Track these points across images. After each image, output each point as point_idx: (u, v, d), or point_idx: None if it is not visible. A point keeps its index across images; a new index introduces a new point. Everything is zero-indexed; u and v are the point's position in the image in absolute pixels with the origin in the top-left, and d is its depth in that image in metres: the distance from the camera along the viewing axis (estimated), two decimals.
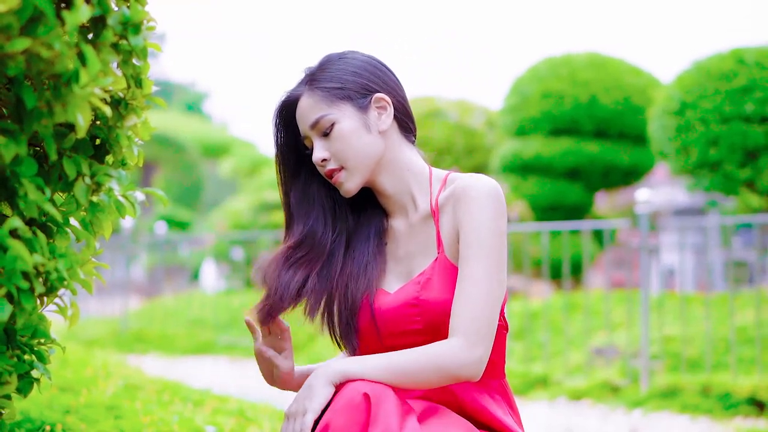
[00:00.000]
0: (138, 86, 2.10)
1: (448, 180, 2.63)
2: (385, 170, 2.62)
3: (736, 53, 9.74)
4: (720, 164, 9.61)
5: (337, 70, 2.59)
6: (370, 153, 2.57)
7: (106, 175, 2.05)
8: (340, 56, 2.64)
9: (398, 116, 2.63)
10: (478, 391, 2.58)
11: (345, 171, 2.57)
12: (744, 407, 6.56)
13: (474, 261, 2.45)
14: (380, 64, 2.65)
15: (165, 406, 4.51)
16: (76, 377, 4.73)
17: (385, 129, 2.58)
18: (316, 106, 2.56)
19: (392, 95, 2.62)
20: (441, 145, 15.86)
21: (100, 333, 12.38)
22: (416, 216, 2.63)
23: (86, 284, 2.08)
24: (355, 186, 2.59)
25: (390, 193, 2.64)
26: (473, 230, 2.47)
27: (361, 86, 2.58)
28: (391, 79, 2.65)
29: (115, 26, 1.92)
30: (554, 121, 13.92)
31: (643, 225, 7.52)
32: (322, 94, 2.56)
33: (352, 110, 2.56)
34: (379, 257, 2.65)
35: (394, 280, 2.64)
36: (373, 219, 2.70)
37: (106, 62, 1.88)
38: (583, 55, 14.29)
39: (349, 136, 2.55)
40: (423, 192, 2.63)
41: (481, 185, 2.51)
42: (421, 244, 2.61)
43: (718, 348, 7.62)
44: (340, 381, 2.39)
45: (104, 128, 2.12)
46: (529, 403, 7.55)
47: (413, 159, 2.65)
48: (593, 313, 9.49)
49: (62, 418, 3.76)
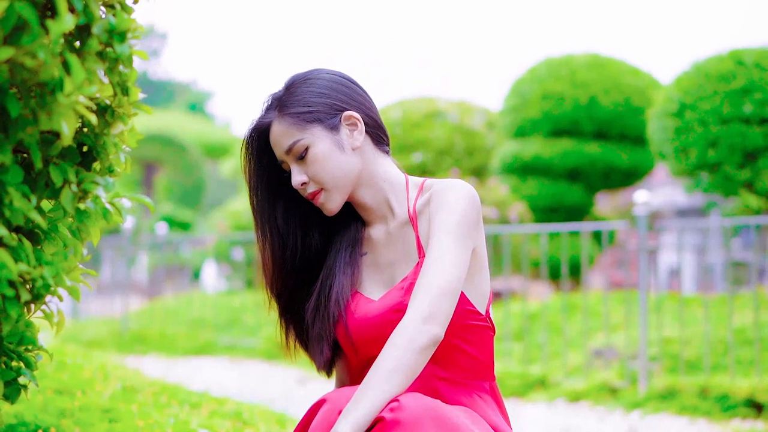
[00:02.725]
0: (124, 94, 2.11)
1: (425, 186, 2.67)
2: (363, 184, 2.65)
3: (735, 54, 9.74)
4: (719, 165, 9.60)
5: (303, 92, 2.61)
6: (347, 172, 2.60)
7: (92, 182, 2.06)
8: (305, 77, 2.64)
9: (369, 130, 2.66)
10: (467, 393, 2.60)
11: (325, 192, 2.60)
12: (742, 409, 6.55)
13: (440, 241, 2.49)
14: (346, 80, 2.67)
15: (161, 408, 4.50)
16: (73, 380, 4.71)
17: (358, 146, 2.62)
18: (288, 132, 2.58)
19: (361, 110, 2.64)
20: (441, 145, 15.84)
21: (100, 334, 12.37)
22: (394, 223, 2.66)
23: (73, 291, 2.09)
24: (336, 206, 2.63)
25: (368, 205, 2.68)
26: (442, 216, 2.52)
27: (329, 106, 2.60)
28: (358, 94, 2.67)
29: (101, 34, 1.92)
30: (554, 122, 13.91)
31: (642, 226, 7.52)
32: (292, 119, 2.58)
33: (323, 132, 2.58)
34: (354, 266, 2.68)
35: (377, 288, 2.67)
36: (345, 229, 2.74)
37: (91, 70, 1.88)
38: (583, 56, 14.28)
39: (324, 159, 2.57)
40: (400, 200, 2.67)
41: (459, 187, 2.56)
42: (402, 250, 2.64)
43: (717, 349, 7.61)
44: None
45: (91, 135, 2.12)
46: (527, 405, 7.55)
47: (389, 169, 2.69)
48: (592, 315, 9.49)
49: (57, 421, 3.75)
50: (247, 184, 2.71)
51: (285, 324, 2.77)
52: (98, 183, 2.07)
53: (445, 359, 2.59)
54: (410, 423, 2.23)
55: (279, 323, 2.77)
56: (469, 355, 2.61)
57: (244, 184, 3.08)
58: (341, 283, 2.65)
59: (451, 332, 2.55)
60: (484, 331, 2.63)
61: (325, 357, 2.67)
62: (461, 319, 2.57)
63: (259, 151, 2.67)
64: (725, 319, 8.21)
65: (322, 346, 2.66)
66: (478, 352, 2.62)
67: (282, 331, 2.77)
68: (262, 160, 2.68)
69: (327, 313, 2.64)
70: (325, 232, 2.76)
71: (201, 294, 15.34)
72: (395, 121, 16.28)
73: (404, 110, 16.47)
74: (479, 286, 2.62)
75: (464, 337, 2.59)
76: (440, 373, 2.59)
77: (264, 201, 2.70)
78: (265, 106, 2.66)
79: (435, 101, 16.70)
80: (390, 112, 16.68)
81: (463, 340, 2.59)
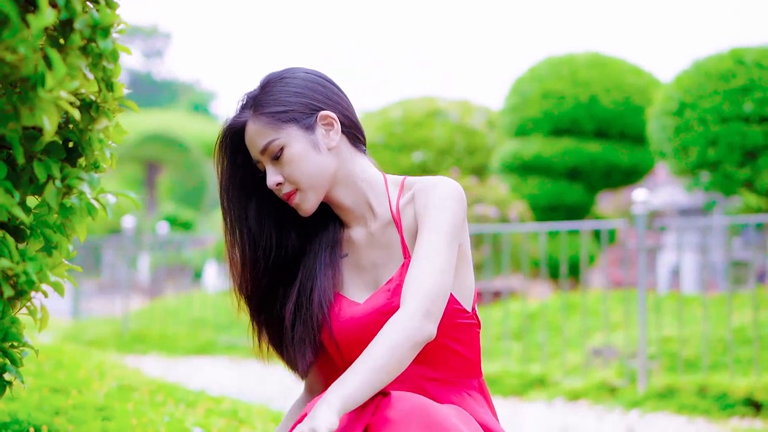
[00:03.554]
0: (109, 89, 2.10)
1: (405, 185, 2.65)
2: (339, 184, 2.62)
3: (735, 53, 9.72)
4: (719, 164, 9.59)
5: (279, 92, 2.58)
6: (323, 172, 2.57)
7: (77, 178, 2.05)
8: (280, 76, 2.61)
9: (346, 130, 2.63)
10: (456, 392, 2.59)
11: (300, 192, 2.58)
12: (741, 408, 6.54)
13: (430, 239, 2.47)
14: (322, 79, 2.64)
15: (157, 407, 4.50)
16: (69, 378, 4.70)
17: (334, 146, 2.59)
18: (263, 132, 2.55)
19: (337, 110, 2.61)
20: (442, 145, 15.86)
21: (101, 333, 12.39)
22: (376, 224, 2.63)
23: (57, 287, 2.08)
24: (311, 206, 2.60)
25: (347, 206, 2.65)
26: (431, 215, 2.50)
27: (305, 106, 2.57)
28: (335, 93, 2.64)
29: (83, 29, 1.91)
30: (554, 121, 13.90)
31: (640, 225, 7.52)
32: (267, 119, 2.55)
33: (299, 132, 2.55)
34: (335, 268, 2.66)
35: (361, 290, 2.64)
36: (323, 230, 2.71)
37: (73, 65, 1.87)
38: (583, 55, 14.27)
39: (299, 159, 2.55)
40: (380, 200, 2.64)
41: (445, 185, 2.54)
42: (386, 251, 2.62)
43: (716, 348, 7.61)
44: (343, 410, 2.27)
45: (76, 131, 2.11)
46: (526, 404, 7.55)
47: (366, 169, 2.66)
48: (592, 314, 9.48)
49: (50, 419, 3.75)
50: (219, 184, 2.68)
51: (257, 326, 2.73)
52: (83, 179, 2.05)
53: (435, 360, 2.57)
54: (400, 421, 2.22)
55: (251, 325, 2.74)
56: (459, 354, 2.59)
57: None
58: (323, 286, 2.62)
59: (441, 332, 2.52)
60: (472, 329, 2.61)
61: (308, 361, 2.64)
62: (450, 319, 2.55)
63: (233, 150, 2.65)
64: (725, 319, 8.20)
65: (305, 350, 2.62)
66: (467, 351, 2.60)
67: (254, 334, 2.74)
68: (235, 159, 2.66)
69: (310, 316, 2.61)
70: (301, 233, 2.72)
71: (202, 294, 15.34)
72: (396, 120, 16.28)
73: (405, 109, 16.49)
74: (464, 281, 2.60)
75: (454, 337, 2.57)
76: (430, 374, 2.58)
77: (235, 201, 2.67)
78: (240, 105, 2.63)
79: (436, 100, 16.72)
80: (391, 111, 16.69)
81: (453, 339, 2.57)
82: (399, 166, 15.38)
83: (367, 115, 17.29)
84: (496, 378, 8.06)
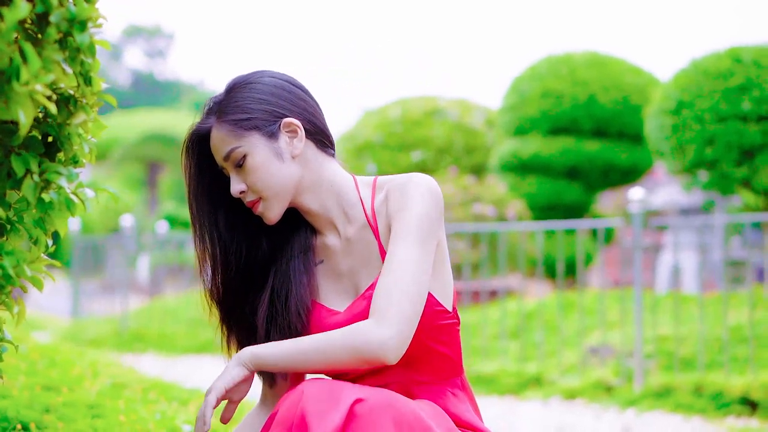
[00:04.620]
0: (87, 84, 2.09)
1: (377, 185, 2.60)
2: (306, 191, 2.58)
3: (733, 52, 9.71)
4: (716, 163, 9.58)
5: (243, 98, 2.54)
6: (285, 182, 2.53)
7: (55, 172, 2.04)
8: (245, 82, 2.58)
9: (311, 136, 2.59)
10: (439, 392, 2.58)
11: (263, 201, 2.54)
12: (736, 406, 6.54)
13: (400, 244, 2.44)
14: (288, 84, 2.60)
15: (149, 405, 4.49)
16: (62, 376, 4.69)
17: (298, 153, 2.55)
18: (226, 139, 2.52)
19: (302, 116, 2.57)
20: (441, 144, 15.87)
21: (100, 332, 12.40)
22: (351, 228, 2.59)
23: (35, 281, 2.08)
24: (276, 215, 2.56)
25: (316, 211, 2.61)
26: (402, 217, 2.46)
27: (268, 113, 2.53)
28: (300, 98, 2.59)
29: (60, 23, 1.91)
30: (553, 121, 13.90)
31: (636, 224, 7.52)
32: (230, 126, 2.52)
33: (261, 140, 2.52)
34: (310, 275, 2.62)
35: (341, 298, 2.61)
36: (295, 235, 2.67)
37: (49, 59, 1.87)
38: (582, 54, 14.26)
39: (261, 168, 2.51)
40: (353, 203, 2.60)
41: (417, 181, 2.50)
42: (363, 256, 2.58)
43: (713, 347, 7.60)
44: (250, 362, 2.43)
45: (54, 126, 2.11)
46: (523, 402, 7.55)
47: (336, 172, 2.61)
48: (590, 313, 9.48)
49: (40, 416, 3.74)
50: (187, 188, 2.64)
51: (227, 332, 2.70)
52: (61, 173, 2.05)
53: (421, 363, 2.56)
54: (368, 416, 2.21)
55: (220, 330, 2.70)
56: (442, 355, 2.57)
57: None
58: (299, 294, 2.58)
59: (425, 335, 2.51)
60: (453, 328, 2.59)
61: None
62: (433, 321, 2.52)
63: (199, 156, 2.61)
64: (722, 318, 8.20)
65: None
66: (450, 350, 2.59)
67: (223, 339, 2.70)
68: (201, 164, 2.62)
69: (287, 325, 2.57)
70: (273, 238, 2.68)
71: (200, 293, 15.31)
72: (395, 119, 16.29)
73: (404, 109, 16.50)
74: (443, 279, 2.57)
75: (437, 338, 2.55)
76: (416, 377, 2.57)
77: (204, 206, 2.63)
78: (206, 110, 2.60)
79: (435, 99, 16.74)
80: (390, 110, 16.70)
81: (436, 341, 2.55)
82: (398, 165, 15.39)
83: (366, 114, 17.28)
84: (493, 377, 8.06)
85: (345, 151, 16.53)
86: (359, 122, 17.03)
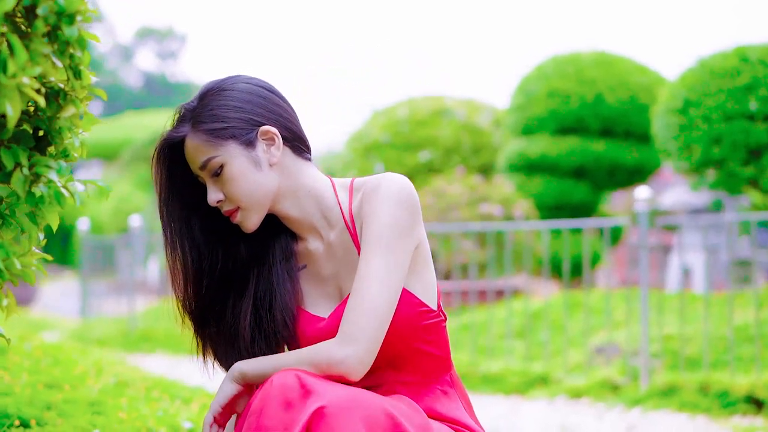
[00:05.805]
0: (77, 77, 2.09)
1: (354, 187, 2.57)
2: (285, 198, 2.56)
3: (740, 51, 9.68)
4: (723, 162, 9.56)
5: (218, 106, 2.50)
6: (263, 190, 2.51)
7: (45, 166, 2.05)
8: (219, 88, 2.53)
9: (288, 143, 2.56)
10: (431, 392, 2.58)
11: (242, 211, 2.52)
12: (742, 405, 6.53)
13: (367, 258, 2.43)
14: (263, 90, 2.56)
15: (152, 403, 4.50)
16: (65, 375, 4.70)
17: (275, 161, 2.52)
18: (202, 148, 2.48)
19: (278, 123, 2.54)
20: (448, 144, 15.87)
21: (108, 332, 12.42)
22: (332, 233, 2.58)
23: (26, 275, 2.08)
24: (254, 224, 2.54)
25: (296, 217, 2.58)
26: (371, 227, 2.44)
27: (245, 121, 2.50)
28: (276, 105, 2.56)
29: (47, 16, 1.91)
30: (560, 120, 13.88)
31: (642, 223, 7.51)
32: (206, 135, 2.48)
33: (238, 149, 2.48)
34: (294, 281, 2.60)
35: (325, 303, 2.60)
36: (275, 241, 2.64)
37: (36, 52, 1.87)
38: (589, 53, 14.24)
39: (238, 177, 2.48)
40: (331, 207, 2.57)
41: (388, 183, 2.47)
42: (344, 260, 2.57)
43: (718, 346, 7.59)
44: (240, 378, 2.46)
45: (45, 120, 2.12)
46: (528, 402, 7.54)
47: (314, 177, 2.59)
48: (597, 312, 9.46)
49: (41, 413, 3.74)
50: (158, 197, 2.59)
51: (201, 342, 2.67)
52: (51, 167, 2.05)
53: (408, 364, 2.56)
54: (337, 415, 2.22)
55: (194, 341, 2.67)
56: (430, 354, 2.57)
57: None
58: (284, 301, 2.56)
59: (411, 336, 2.52)
60: (439, 326, 2.58)
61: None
62: (418, 321, 2.52)
63: (171, 163, 2.56)
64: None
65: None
66: (437, 349, 2.58)
67: (198, 350, 2.67)
68: (174, 172, 2.57)
69: (273, 333, 2.56)
70: (250, 244, 2.64)
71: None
72: (402, 119, 16.28)
73: (411, 108, 16.49)
74: (427, 280, 2.56)
75: (424, 339, 2.55)
76: (404, 378, 2.57)
77: (176, 214, 2.59)
78: (178, 118, 2.55)
79: (442, 99, 16.73)
80: (397, 110, 16.70)
81: (423, 341, 2.55)
82: (405, 165, 15.40)
83: (373, 114, 17.29)
84: (499, 376, 8.06)
85: (353, 151, 16.55)
86: (367, 122, 17.03)
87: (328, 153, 29.61)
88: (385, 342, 2.46)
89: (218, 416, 2.47)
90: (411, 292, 2.51)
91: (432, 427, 2.39)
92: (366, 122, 17.07)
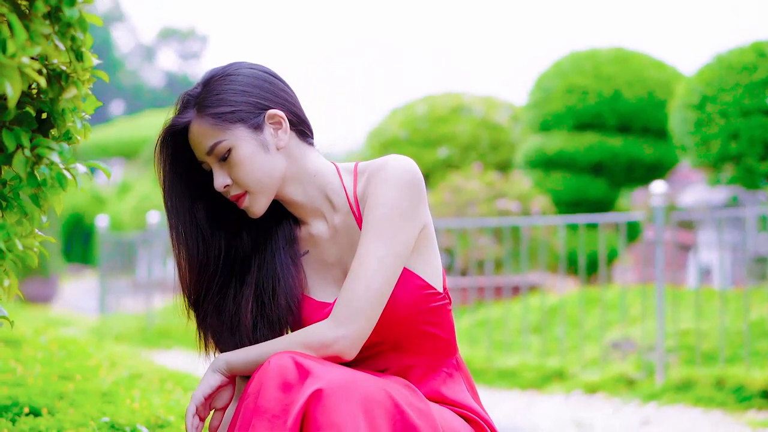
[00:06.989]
0: (79, 59, 2.10)
1: (359, 171, 2.57)
2: (291, 182, 2.55)
3: (757, 46, 9.64)
4: (741, 158, 9.52)
5: (224, 91, 2.49)
6: (272, 173, 2.50)
7: (47, 147, 2.06)
8: (224, 73, 2.53)
9: (294, 127, 2.55)
10: (436, 375, 2.58)
11: (249, 195, 2.51)
12: (757, 400, 6.51)
13: (366, 240, 2.43)
14: (268, 75, 2.56)
15: (165, 394, 4.51)
16: (79, 367, 4.71)
17: (283, 145, 2.52)
18: (209, 133, 2.48)
19: (284, 107, 2.54)
20: (466, 140, 15.86)
21: (126, 329, 12.46)
22: (337, 216, 2.57)
23: (28, 256, 2.09)
24: (261, 209, 2.53)
25: (301, 202, 2.58)
26: (372, 210, 2.44)
27: (252, 105, 2.49)
28: (281, 89, 2.56)
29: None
30: (578, 116, 13.83)
31: (658, 219, 7.48)
32: (213, 119, 2.47)
33: (246, 132, 2.48)
34: (297, 267, 2.59)
35: (330, 287, 2.60)
36: (277, 227, 2.63)
37: (36, 32, 1.88)
38: (607, 49, 14.19)
39: (247, 161, 2.47)
40: (336, 190, 2.57)
41: (392, 165, 2.47)
42: (348, 243, 2.57)
43: (734, 341, 7.56)
44: (225, 369, 2.46)
45: (47, 101, 2.12)
46: (544, 397, 7.53)
47: (318, 162, 2.59)
48: (612, 308, 9.44)
49: (52, 403, 3.76)
50: (162, 186, 2.59)
51: (203, 332, 2.65)
52: (53, 149, 2.06)
53: (414, 347, 2.56)
54: (333, 396, 2.22)
55: (196, 331, 2.66)
56: (436, 336, 2.57)
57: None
58: (288, 287, 2.56)
59: (417, 318, 2.52)
60: (445, 308, 2.58)
61: None
62: (424, 304, 2.52)
63: (176, 151, 2.56)
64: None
65: None
66: (443, 332, 2.58)
67: (200, 340, 2.66)
68: (178, 160, 2.57)
69: (277, 319, 2.55)
70: (253, 231, 2.64)
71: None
72: (421, 116, 16.28)
73: (430, 105, 16.50)
74: (432, 262, 2.56)
75: (429, 321, 2.55)
76: (410, 361, 2.57)
77: (180, 203, 2.58)
78: (181, 105, 2.54)
79: (460, 96, 16.73)
80: (415, 107, 16.71)
81: (429, 323, 2.55)
82: (423, 162, 15.39)
83: (392, 110, 17.30)
84: (515, 371, 8.06)
85: (371, 147, 16.57)
86: (386, 119, 17.04)
87: (348, 153, 29.56)
88: (391, 324, 2.47)
89: (200, 406, 2.46)
90: (417, 274, 2.51)
91: (431, 408, 2.39)
92: (385, 119, 17.09)
